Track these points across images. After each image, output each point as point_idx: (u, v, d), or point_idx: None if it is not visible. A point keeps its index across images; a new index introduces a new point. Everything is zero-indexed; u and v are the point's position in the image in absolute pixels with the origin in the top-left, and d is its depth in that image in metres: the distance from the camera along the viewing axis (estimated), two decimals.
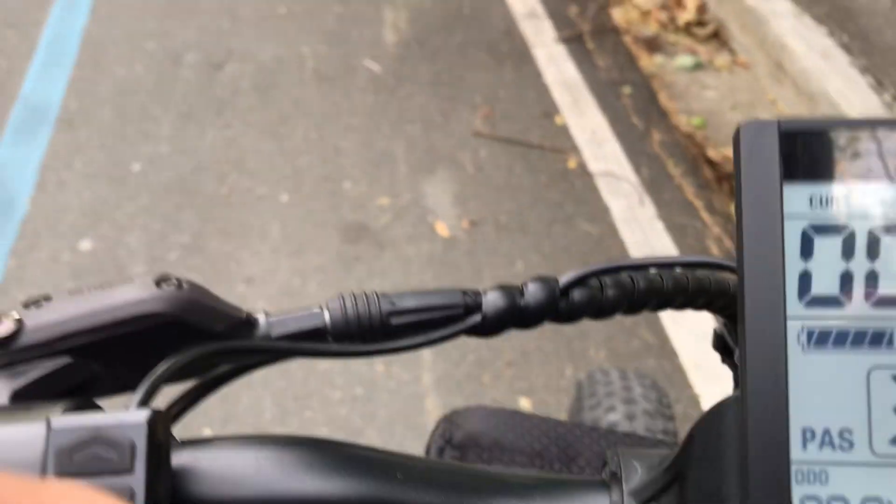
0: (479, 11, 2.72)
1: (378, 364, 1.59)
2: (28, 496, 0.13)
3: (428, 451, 0.57)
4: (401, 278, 1.77)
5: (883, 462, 0.21)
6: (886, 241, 0.22)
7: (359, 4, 2.71)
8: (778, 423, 0.21)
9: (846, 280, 0.22)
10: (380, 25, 2.61)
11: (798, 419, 0.21)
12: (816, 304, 0.22)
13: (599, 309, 0.38)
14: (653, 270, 0.40)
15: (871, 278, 0.22)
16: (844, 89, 2.16)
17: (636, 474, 0.30)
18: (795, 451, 0.21)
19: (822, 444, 0.21)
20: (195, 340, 0.34)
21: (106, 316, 0.32)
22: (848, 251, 0.22)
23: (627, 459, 0.31)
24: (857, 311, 0.22)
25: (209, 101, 2.24)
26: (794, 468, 0.21)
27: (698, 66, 2.54)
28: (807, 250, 0.22)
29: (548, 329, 1.68)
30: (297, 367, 1.56)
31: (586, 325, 1.72)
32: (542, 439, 0.54)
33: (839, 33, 2.40)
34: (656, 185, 2.05)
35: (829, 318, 0.22)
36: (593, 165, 2.09)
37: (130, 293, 0.33)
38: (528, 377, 1.60)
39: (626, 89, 2.40)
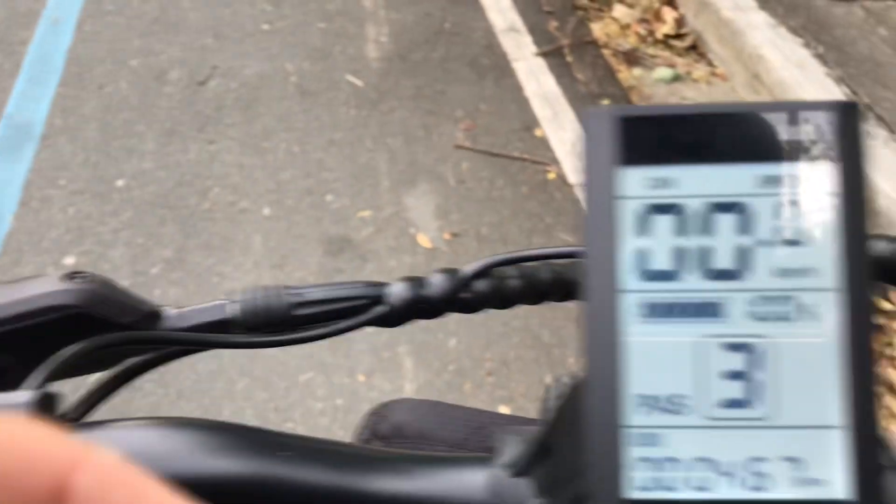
0: (460, 27, 2.75)
1: (359, 374, 1.61)
2: None
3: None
4: None
5: (712, 424, 0.23)
6: (716, 218, 0.23)
7: (342, 21, 2.73)
8: (612, 390, 0.23)
9: (679, 255, 0.23)
10: (362, 41, 2.64)
11: (633, 387, 0.23)
12: (652, 278, 0.23)
13: (502, 299, 0.40)
14: (556, 261, 0.41)
15: (703, 253, 0.23)
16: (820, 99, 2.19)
17: (512, 450, 0.31)
18: (630, 417, 0.23)
19: (655, 409, 0.23)
20: (98, 329, 0.35)
21: (14, 308, 0.33)
22: (681, 229, 0.23)
23: (506, 436, 0.32)
24: (689, 284, 0.23)
25: (193, 117, 2.26)
26: (628, 432, 0.23)
27: (677, 78, 2.57)
28: (643, 229, 0.23)
29: (528, 337, 1.70)
30: (278, 379, 1.58)
31: (567, 333, 1.74)
32: (464, 428, 0.55)
33: (815, 44, 2.44)
34: None
35: (665, 292, 0.23)
36: (572, 177, 2.11)
37: (39, 287, 0.34)
38: (507, 385, 1.61)
39: (606, 102, 2.43)
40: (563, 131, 2.27)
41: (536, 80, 2.50)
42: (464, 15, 2.82)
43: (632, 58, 2.70)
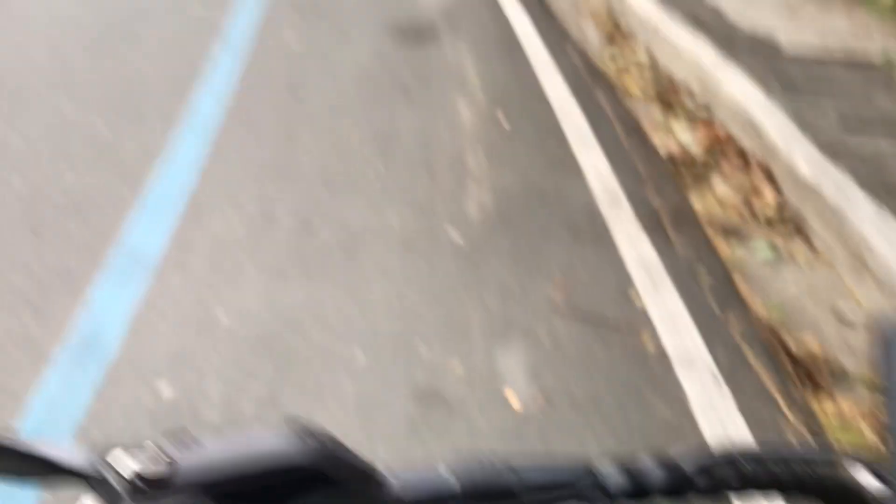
0: (559, 190, 2.83)
1: None
2: None
3: None
4: (471, 450, 1.75)
5: None
6: None
7: (446, 178, 2.85)
8: None
9: None
10: (464, 199, 2.73)
11: None
12: None
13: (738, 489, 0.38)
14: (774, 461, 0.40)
15: None
16: None
17: None
18: None
19: None
20: (324, 488, 0.35)
21: (256, 465, 0.34)
22: None
23: None
24: None
25: (298, 261, 2.34)
26: None
27: (777, 257, 2.55)
28: None
29: None
30: None
31: None
32: None
33: None
34: (734, 373, 2.02)
35: None
36: (670, 349, 2.07)
37: (279, 443, 0.35)
38: None
39: (705, 274, 2.41)
40: (661, 301, 2.25)
41: (635, 248, 2.52)
42: (563, 179, 2.90)
43: (731, 232, 2.69)
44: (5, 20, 3.85)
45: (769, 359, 2.07)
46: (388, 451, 1.73)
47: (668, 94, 3.81)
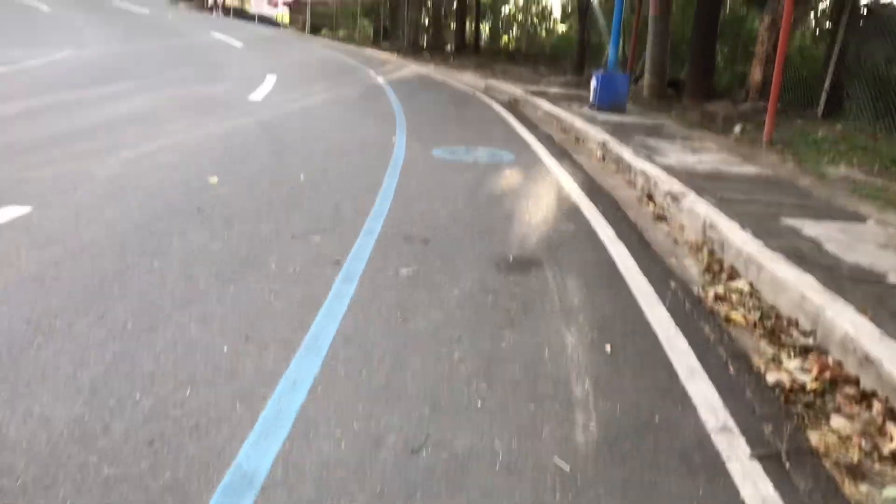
0: (670, 421, 2.76)
1: None
2: None
3: None
4: None
5: None
6: None
7: (552, 404, 2.83)
8: None
9: None
10: (571, 425, 2.69)
11: None
12: None
13: None
14: None
15: None
16: None
17: None
18: None
19: None
20: None
21: None
22: None
23: None
24: None
25: (403, 483, 2.32)
26: None
27: None
28: None
29: None
30: None
31: None
32: None
33: None
34: None
35: None
36: None
37: None
38: None
39: None
40: None
41: (753, 484, 2.39)
42: (674, 410, 2.84)
43: (856, 472, 2.54)
44: (148, 253, 4.23)
45: None
46: None
47: (775, 326, 3.77)
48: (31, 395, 2.64)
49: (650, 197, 6.50)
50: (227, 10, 30.62)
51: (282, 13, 36.13)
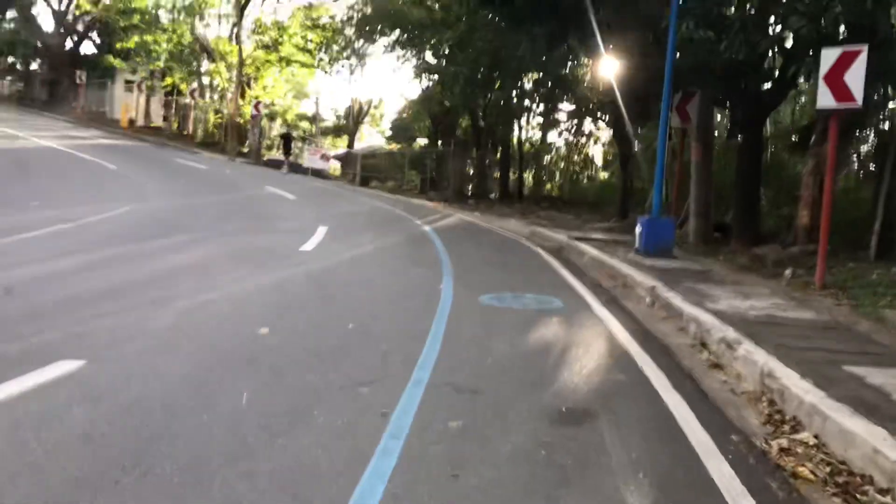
0: None
1: None
2: None
3: None
4: None
5: None
6: None
7: None
8: None
9: None
10: None
11: None
12: None
13: None
14: None
15: None
16: None
17: None
18: None
19: None
20: None
21: None
22: None
23: None
24: None
25: None
26: None
27: None
28: None
29: None
30: None
31: None
32: None
33: None
34: None
35: None
36: None
37: None
38: None
39: None
40: None
41: None
42: None
43: None
44: (195, 401, 4.23)
45: None
46: None
47: (847, 482, 3.56)
48: None
49: (703, 344, 6.37)
50: (294, 167, 32.01)
51: (334, 166, 37.69)
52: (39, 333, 5.36)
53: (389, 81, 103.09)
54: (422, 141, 37.85)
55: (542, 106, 27.78)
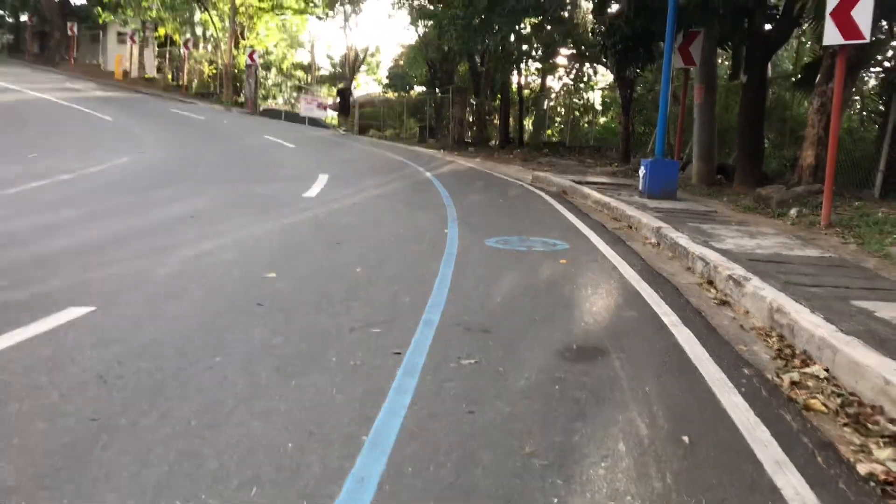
0: None
1: None
2: None
3: None
4: None
5: None
6: None
7: (631, 502, 2.68)
8: None
9: None
10: None
11: None
12: None
13: None
14: None
15: None
16: None
17: None
18: None
19: None
20: None
21: None
22: None
23: None
24: None
25: None
26: None
27: None
28: None
29: None
30: None
31: None
32: None
33: None
34: None
35: None
36: None
37: None
38: None
39: None
40: None
41: None
42: None
43: None
44: (211, 346, 4.23)
45: None
46: None
47: (859, 413, 3.57)
48: (96, 496, 2.58)
49: (711, 282, 6.36)
50: (290, 116, 31.71)
51: (331, 115, 37.36)
52: (47, 280, 5.35)
53: (386, 29, 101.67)
54: (419, 89, 37.41)
55: (540, 51, 27.36)
